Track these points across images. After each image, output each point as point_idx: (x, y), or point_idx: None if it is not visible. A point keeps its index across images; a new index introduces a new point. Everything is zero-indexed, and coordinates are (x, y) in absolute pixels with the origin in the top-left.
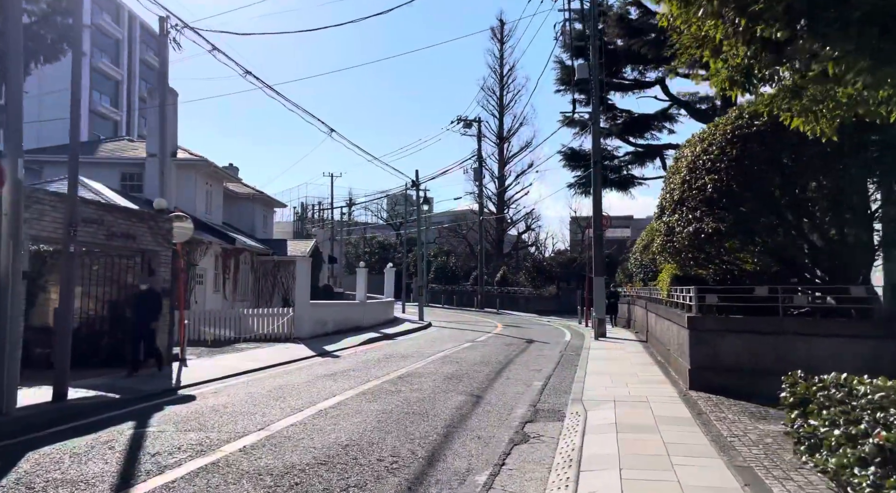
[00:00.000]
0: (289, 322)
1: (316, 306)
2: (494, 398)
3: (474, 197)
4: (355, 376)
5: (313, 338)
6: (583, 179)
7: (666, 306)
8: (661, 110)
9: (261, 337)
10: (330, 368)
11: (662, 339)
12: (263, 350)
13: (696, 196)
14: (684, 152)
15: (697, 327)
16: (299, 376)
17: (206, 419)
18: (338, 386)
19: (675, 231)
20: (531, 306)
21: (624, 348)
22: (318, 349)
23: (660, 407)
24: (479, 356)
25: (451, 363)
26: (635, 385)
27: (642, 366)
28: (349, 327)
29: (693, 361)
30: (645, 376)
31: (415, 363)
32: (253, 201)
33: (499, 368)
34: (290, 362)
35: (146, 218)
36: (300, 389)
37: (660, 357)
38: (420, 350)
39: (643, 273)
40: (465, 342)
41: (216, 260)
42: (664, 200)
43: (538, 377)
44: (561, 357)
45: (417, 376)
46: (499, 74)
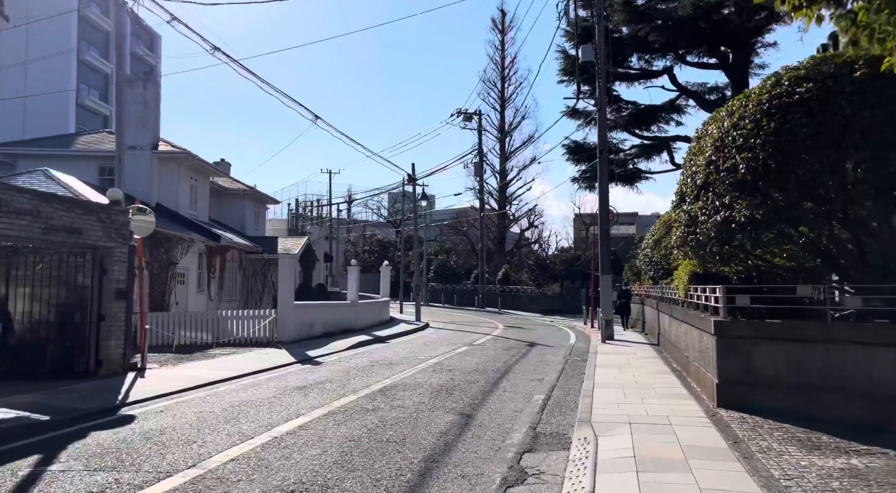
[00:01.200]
0: (271, 325)
1: (301, 308)
2: (487, 418)
3: (475, 193)
4: (330, 390)
5: (298, 342)
6: (587, 173)
7: (682, 307)
8: (668, 101)
9: (240, 341)
10: (305, 378)
11: (679, 344)
12: (238, 357)
13: (724, 179)
14: (709, 129)
15: (726, 333)
16: (267, 388)
17: (131, 450)
18: (306, 403)
19: (698, 221)
20: (534, 306)
21: (634, 352)
22: (299, 355)
23: (686, 432)
24: (474, 363)
25: (442, 372)
26: (653, 401)
27: (657, 375)
28: (339, 330)
29: (721, 373)
30: (662, 388)
31: (402, 372)
32: (243, 197)
33: (496, 377)
34: (264, 370)
35: (95, 210)
36: (261, 406)
37: (675, 364)
38: (411, 356)
39: (653, 271)
40: (461, 346)
41: (200, 258)
42: (684, 185)
43: (539, 389)
44: (565, 364)
45: (402, 388)
46: (500, 66)
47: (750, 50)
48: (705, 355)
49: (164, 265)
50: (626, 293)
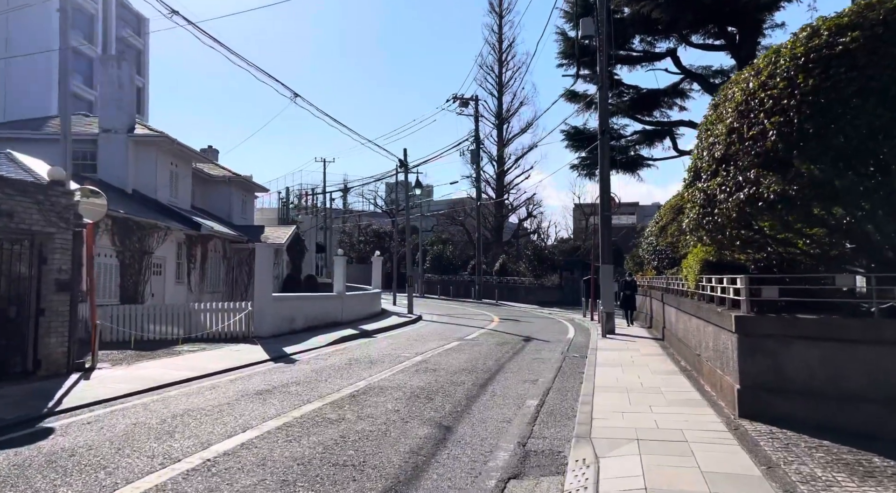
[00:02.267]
0: (246, 319)
1: (281, 300)
2: (470, 432)
3: (471, 181)
4: (295, 394)
5: (276, 337)
6: (587, 160)
7: (692, 299)
8: (671, 85)
9: (214, 336)
10: (272, 379)
11: (688, 340)
12: (206, 354)
13: (749, 150)
14: (730, 92)
15: (751, 330)
16: (225, 392)
17: (19, 481)
18: (262, 411)
19: (716, 200)
20: (532, 297)
21: (638, 349)
22: (274, 352)
23: (707, 453)
24: (463, 361)
25: (425, 372)
26: (662, 409)
27: (665, 376)
28: (324, 323)
29: (744, 377)
30: (672, 392)
31: (381, 372)
32: (229, 185)
33: (485, 377)
34: (231, 369)
35: (30, 191)
36: (208, 416)
37: (684, 362)
38: (395, 352)
39: (657, 260)
40: (452, 341)
41: (179, 248)
42: (699, 160)
43: (533, 393)
44: (563, 361)
45: (377, 392)
46: (497, 50)
47: (758, 30)
48: (723, 356)
49: (136, 255)
50: (631, 285)
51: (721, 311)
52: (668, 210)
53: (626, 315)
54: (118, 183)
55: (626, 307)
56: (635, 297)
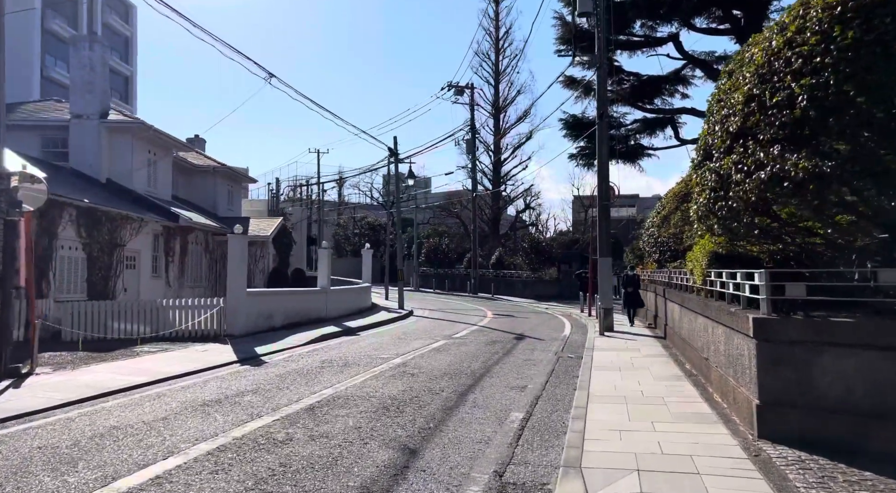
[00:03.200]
0: (218, 316)
1: (256, 296)
2: (439, 456)
3: (467, 172)
4: (247, 406)
5: (251, 335)
6: (586, 149)
7: (699, 295)
8: (673, 71)
9: (183, 335)
10: (227, 387)
11: (693, 341)
12: (167, 355)
13: (772, 120)
14: (748, 55)
15: (773, 336)
16: (167, 403)
17: None
18: (199, 429)
19: (730, 182)
20: (529, 291)
21: (638, 349)
22: (244, 352)
23: (725, 492)
24: (447, 363)
25: (403, 377)
26: (667, 426)
27: (668, 382)
28: (307, 320)
29: (765, 391)
30: (677, 402)
31: (353, 377)
32: (214, 175)
33: (468, 384)
34: (189, 373)
35: None
36: (132, 437)
37: (689, 365)
38: (375, 353)
39: (659, 253)
40: (439, 339)
41: (155, 240)
42: (710, 136)
43: (519, 403)
44: (556, 363)
45: (341, 403)
46: (494, 37)
47: (763, 12)
48: (737, 363)
49: (106, 248)
50: (634, 280)
51: (735, 311)
52: (671, 198)
53: (628, 314)
54: (91, 171)
55: (629, 305)
56: (639, 293)
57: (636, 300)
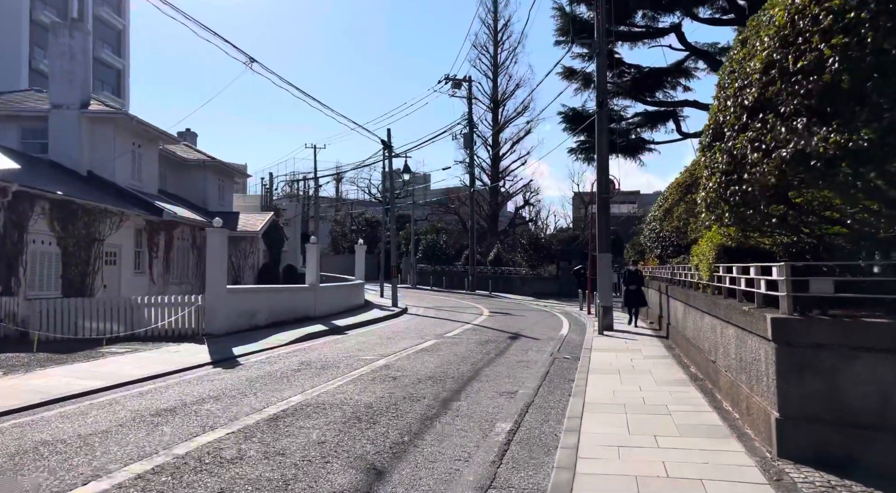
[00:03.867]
0: (196, 314)
1: (238, 293)
2: (409, 477)
3: (464, 167)
4: (203, 416)
5: (231, 334)
6: (585, 143)
7: (705, 292)
8: (675, 63)
9: (158, 334)
10: (188, 393)
11: (699, 341)
12: (132, 357)
13: (796, 89)
14: (765, 17)
15: (796, 338)
16: (115, 413)
17: None
18: (141, 444)
19: (746, 163)
20: (528, 288)
21: (639, 349)
22: (219, 353)
23: None
24: (433, 366)
25: (384, 381)
26: (673, 441)
27: (672, 387)
28: (293, 318)
29: (786, 402)
30: (683, 412)
31: (330, 381)
32: (205, 169)
33: (454, 389)
34: (151, 377)
35: None
36: (59, 454)
37: (694, 368)
38: (358, 353)
39: (661, 248)
40: (429, 339)
41: (138, 235)
42: (721, 113)
43: (507, 411)
44: (551, 365)
45: (310, 412)
46: (492, 30)
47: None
48: (751, 369)
49: (83, 242)
50: (636, 277)
51: (749, 310)
52: (674, 189)
53: (630, 313)
54: (71, 164)
55: (631, 304)
56: (642, 290)
57: (639, 299)
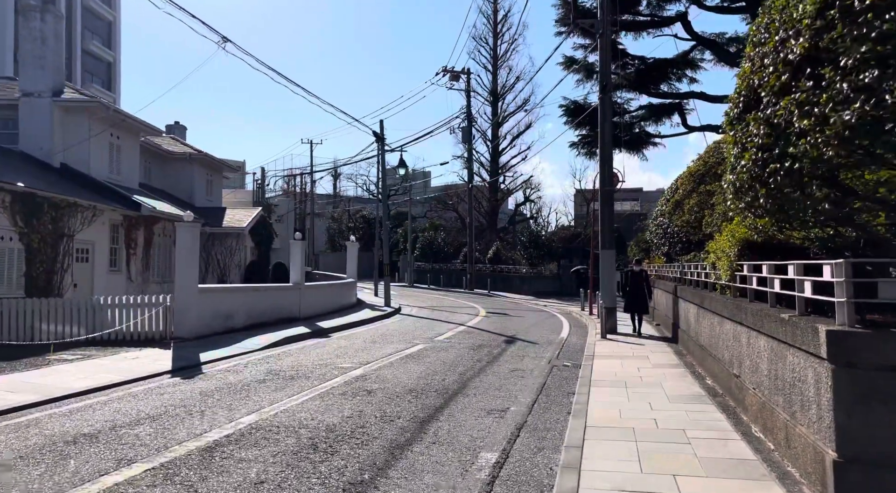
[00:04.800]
0: (164, 315)
1: (211, 293)
2: None
3: (463, 162)
4: (130, 442)
5: (203, 338)
6: (587, 137)
7: (724, 294)
8: (681, 54)
9: (123, 337)
10: (128, 410)
11: (716, 350)
12: (81, 366)
13: (865, 31)
14: None
15: (861, 358)
16: (28, 436)
17: None
18: (25, 490)
19: (792, 133)
20: (527, 287)
21: (646, 355)
22: (184, 360)
23: None
24: (417, 375)
25: (355, 396)
26: (698, 485)
27: (689, 407)
28: (276, 319)
29: (847, 441)
30: (706, 441)
31: (294, 395)
32: (191, 162)
33: (435, 405)
34: (94, 390)
35: None
36: None
37: (711, 380)
38: (336, 360)
39: (668, 244)
40: (417, 343)
41: (114, 231)
42: (755, 75)
43: (495, 436)
44: (549, 375)
45: (257, 438)
46: (492, 21)
47: None
48: (794, 392)
49: (50, 238)
50: (640, 277)
51: (789, 318)
52: (686, 179)
53: (633, 320)
54: (43, 155)
55: (633, 310)
56: (645, 293)
57: (642, 303)
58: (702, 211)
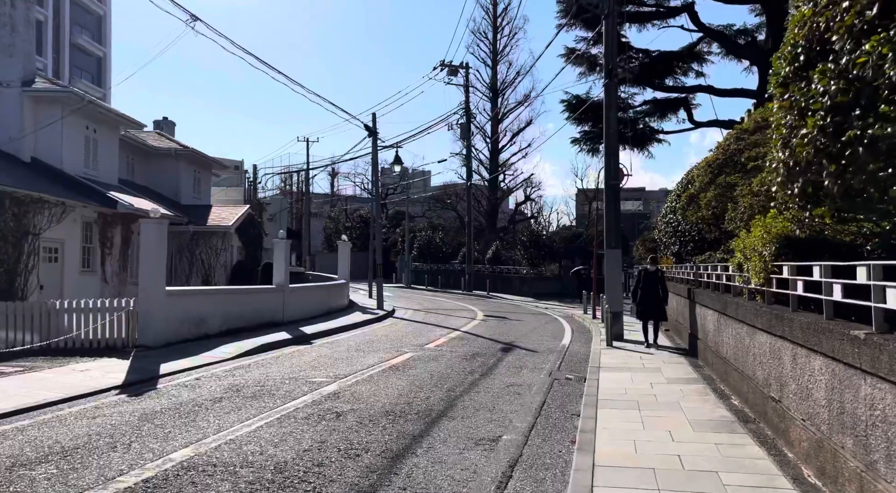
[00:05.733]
0: (126, 321)
1: (180, 296)
2: None
3: (461, 159)
4: (20, 490)
5: (170, 345)
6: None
7: (755, 300)
8: (687, 47)
9: (81, 345)
10: (42, 440)
11: (745, 366)
12: (20, 379)
13: None
14: None
15: None
16: None
17: None
18: None
19: (883, 84)
20: (528, 289)
21: (658, 368)
22: (140, 372)
23: None
24: (397, 392)
25: (321, 420)
26: None
27: (718, 437)
28: (255, 324)
29: None
30: (747, 489)
31: (249, 420)
32: (177, 158)
33: (413, 433)
34: (19, 412)
35: None
36: None
37: (737, 400)
38: (309, 373)
39: (679, 243)
40: (404, 352)
41: (87, 229)
42: (817, 19)
43: (480, 480)
44: (549, 392)
45: (183, 484)
46: (492, 14)
47: None
48: (876, 437)
49: (11, 236)
50: (654, 277)
51: (867, 337)
52: (702, 170)
53: (644, 329)
54: (11, 149)
55: (647, 317)
56: (661, 297)
57: (658, 309)
58: (721, 205)
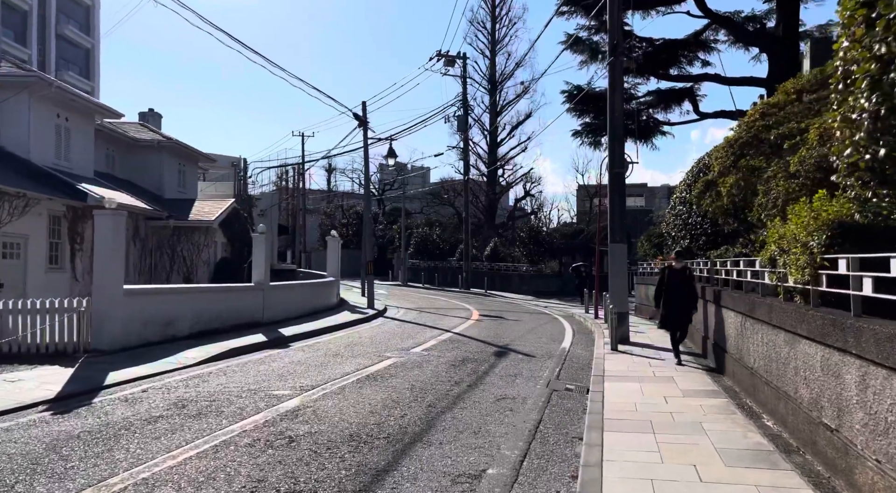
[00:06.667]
0: (77, 323)
1: (144, 295)
2: None
3: (458, 153)
4: None
5: (129, 349)
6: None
7: (795, 301)
8: (692, 34)
9: (27, 350)
10: None
11: (780, 381)
12: None
13: None
14: None
15: None
16: None
17: None
18: None
19: None
20: (527, 287)
21: (670, 376)
22: (81, 383)
23: None
24: (368, 408)
25: (269, 447)
26: None
27: (758, 475)
28: (231, 325)
29: None
30: None
31: (182, 447)
32: (160, 150)
33: (378, 466)
34: None
35: None
36: None
37: (771, 421)
38: (273, 384)
39: (690, 238)
40: (387, 357)
41: (55, 223)
42: None
43: None
44: (546, 407)
45: None
46: (490, 3)
47: None
48: None
49: None
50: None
51: None
52: (722, 152)
53: (673, 343)
54: None
55: (675, 326)
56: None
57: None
58: (745, 192)
